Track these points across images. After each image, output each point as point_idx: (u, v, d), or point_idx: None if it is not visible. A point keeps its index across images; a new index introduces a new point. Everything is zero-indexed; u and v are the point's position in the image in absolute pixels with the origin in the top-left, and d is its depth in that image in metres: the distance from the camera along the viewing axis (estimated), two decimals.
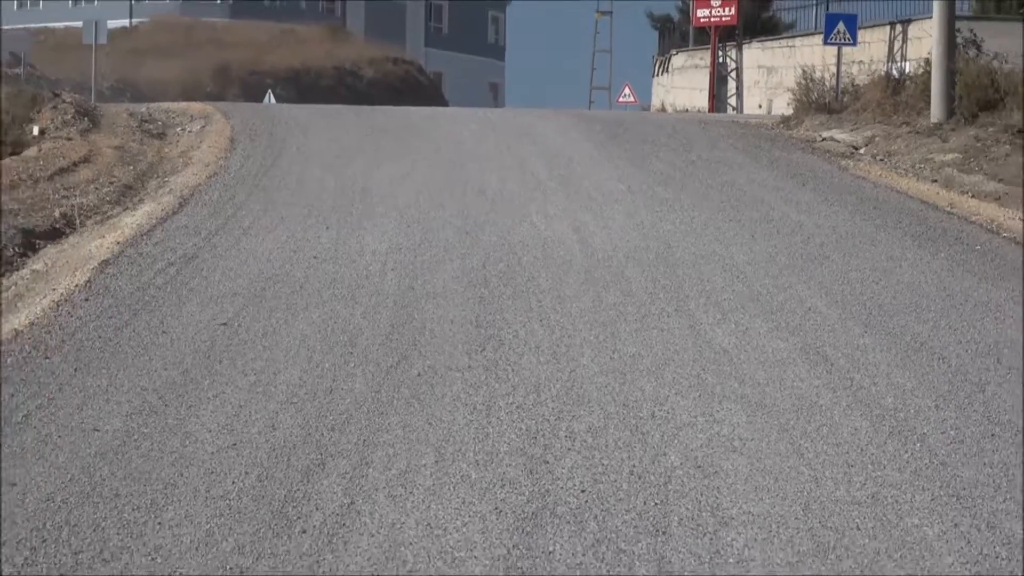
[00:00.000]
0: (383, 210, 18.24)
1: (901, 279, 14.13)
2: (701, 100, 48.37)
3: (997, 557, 6.53)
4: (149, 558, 6.43)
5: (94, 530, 6.79)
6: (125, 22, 68.38)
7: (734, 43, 49.22)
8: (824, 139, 29.43)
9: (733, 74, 48.84)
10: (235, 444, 8.20)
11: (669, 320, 11.79)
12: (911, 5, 39.09)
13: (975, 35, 34.19)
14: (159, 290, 12.97)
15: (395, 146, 26.31)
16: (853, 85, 35.69)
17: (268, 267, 13.96)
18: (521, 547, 6.62)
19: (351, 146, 26.11)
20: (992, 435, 8.57)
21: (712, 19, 49.50)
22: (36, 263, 15.03)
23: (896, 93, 33.14)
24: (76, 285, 13.17)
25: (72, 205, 18.66)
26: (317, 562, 6.39)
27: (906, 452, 8.19)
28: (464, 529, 6.85)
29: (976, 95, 29.27)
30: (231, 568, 6.32)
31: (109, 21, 51.90)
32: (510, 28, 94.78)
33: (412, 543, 6.65)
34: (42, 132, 26.36)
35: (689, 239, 16.46)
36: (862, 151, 27.59)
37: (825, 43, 39.11)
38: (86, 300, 12.53)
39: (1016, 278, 14.48)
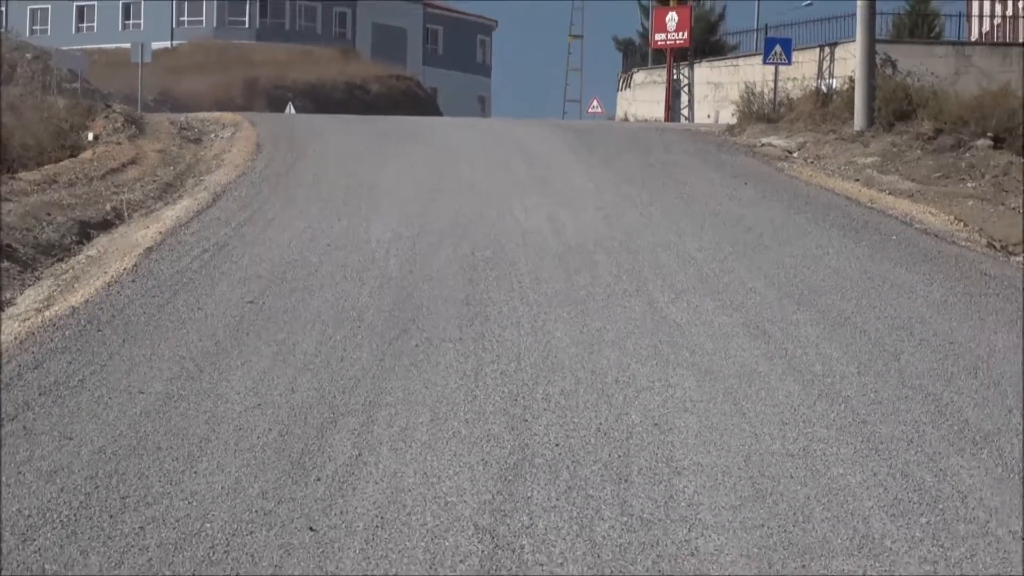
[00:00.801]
0: (387, 204, 18.22)
1: (829, 264, 14.16)
2: (658, 111, 48.32)
3: (909, 501, 6.56)
4: (186, 502, 6.44)
5: (139, 478, 6.80)
6: (167, 43, 68.13)
7: (686, 63, 49.16)
8: (763, 145, 29.41)
9: (685, 89, 48.77)
10: (259, 404, 8.21)
11: (630, 299, 11.80)
12: (837, 30, 39.06)
13: (891, 57, 34.41)
14: (195, 273, 12.96)
15: (397, 149, 26.26)
16: (788, 99, 35.77)
17: (288, 253, 13.95)
18: (504, 493, 6.64)
19: (359, 150, 26.06)
20: (906, 397, 8.60)
21: (668, 42, 49.52)
22: (90, 250, 15.01)
23: (825, 105, 33.21)
24: (124, 269, 13.15)
25: (121, 200, 18.63)
26: (330, 505, 6.41)
27: (832, 412, 8.22)
28: (456, 478, 6.86)
29: (892, 107, 29.35)
30: (256, 511, 6.34)
31: (153, 43, 51.84)
32: (496, 49, 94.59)
33: (411, 490, 6.67)
34: (96, 138, 26.31)
35: (648, 229, 16.46)
36: (795, 155, 27.59)
37: (764, 63, 39.10)
38: (133, 281, 12.52)
39: (928, 263, 14.50)
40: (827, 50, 39.76)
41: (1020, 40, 51.49)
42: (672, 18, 49.79)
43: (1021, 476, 7.01)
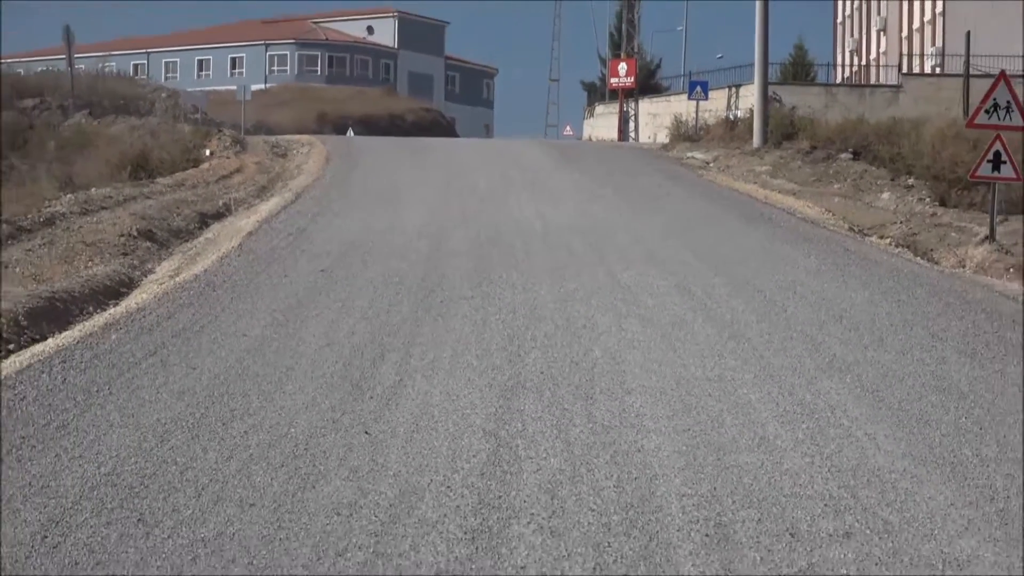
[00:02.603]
0: (417, 200, 18.26)
1: (737, 243, 14.17)
2: (613, 133, 48.35)
3: (794, 412, 6.54)
4: (277, 414, 6.42)
5: (243, 396, 6.78)
6: (262, 85, 68.00)
7: (633, 99, 49.18)
8: (688, 157, 29.47)
9: (632, 117, 48.79)
10: (328, 344, 8.19)
11: (594, 268, 11.78)
12: (741, 75, 39.08)
13: (779, 95, 34.59)
14: (283, 250, 12.95)
15: (423, 161, 26.28)
16: (706, 125, 35.94)
17: (349, 236, 13.94)
18: (504, 407, 6.62)
19: (397, 162, 26.09)
20: (791, 337, 8.59)
21: (619, 84, 49.57)
22: (208, 234, 15.04)
23: (732, 129, 33.41)
24: (232, 247, 13.15)
25: (230, 198, 18.65)
26: (379, 416, 6.39)
27: (739, 348, 8.20)
28: (470, 396, 6.85)
29: (780, 130, 29.53)
30: (327, 420, 6.32)
31: (252, 85, 51.94)
32: (497, 89, 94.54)
33: (437, 404, 6.65)
34: (211, 153, 26.35)
35: (609, 217, 16.48)
36: (711, 165, 27.64)
37: (689, 99, 39.16)
38: (238, 256, 12.51)
39: (806, 242, 14.49)
40: (734, 89, 39.78)
41: (871, 83, 51.48)
42: (623, 67, 49.84)
43: (872, 393, 7.01)
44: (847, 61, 61.96)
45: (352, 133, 47.50)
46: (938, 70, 47.97)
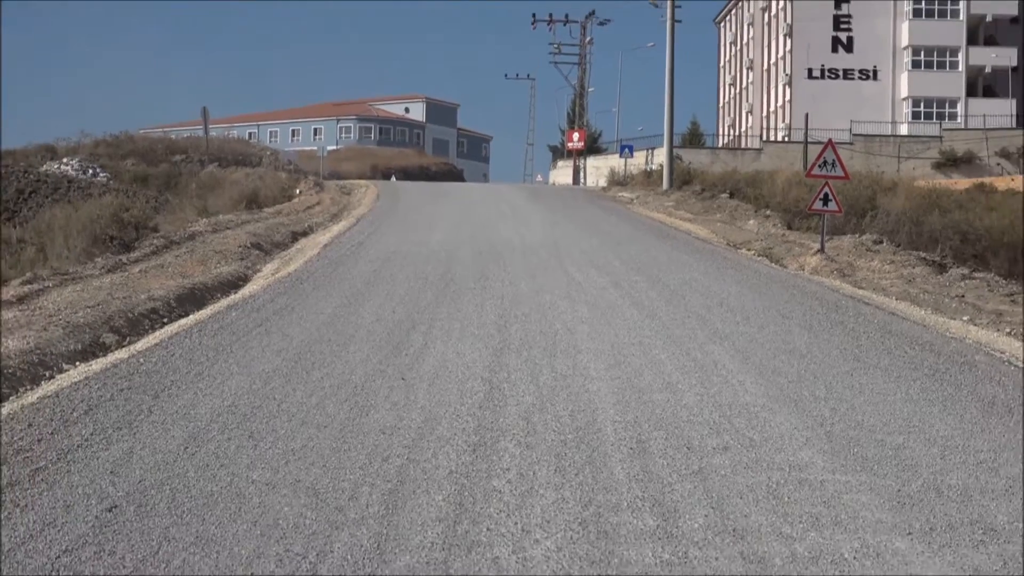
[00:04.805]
0: (438, 225, 18.18)
1: (651, 254, 14.14)
2: (569, 180, 48.23)
3: (691, 366, 6.51)
4: (343, 367, 6.37)
5: (320, 355, 6.72)
6: (334, 146, 67.88)
7: (583, 156, 49.09)
8: (619, 196, 29.37)
9: (582, 169, 48.72)
10: (378, 320, 8.15)
11: (556, 270, 11.76)
12: (655, 141, 39.31)
13: (680, 155, 34.64)
14: (347, 256, 12.89)
15: (442, 198, 26.19)
16: (631, 174, 35.86)
17: (392, 248, 13.88)
18: (495, 362, 6.58)
19: (424, 198, 26.01)
20: (688, 317, 8.57)
21: (573, 147, 49.46)
22: (297, 245, 14.94)
23: (649, 177, 33.40)
24: (313, 255, 13.09)
25: (312, 222, 18.54)
26: (411, 367, 6.35)
27: (653, 323, 8.17)
28: (472, 354, 6.81)
29: (681, 178, 29.56)
30: (376, 370, 6.27)
31: (328, 146, 52.02)
32: (492, 149, 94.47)
33: (451, 359, 6.61)
34: (300, 192, 26.21)
35: (564, 236, 16.42)
36: (635, 201, 27.56)
37: (620, 157, 39.18)
38: (317, 261, 12.45)
39: (698, 253, 14.47)
40: (650, 150, 39.82)
41: (741, 146, 51.54)
42: (576, 135, 49.72)
43: (742, 354, 7.00)
44: (726, 132, 62.01)
45: (395, 179, 47.35)
46: (786, 138, 48.10)
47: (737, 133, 59.75)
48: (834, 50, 50.34)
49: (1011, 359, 7.13)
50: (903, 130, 48.56)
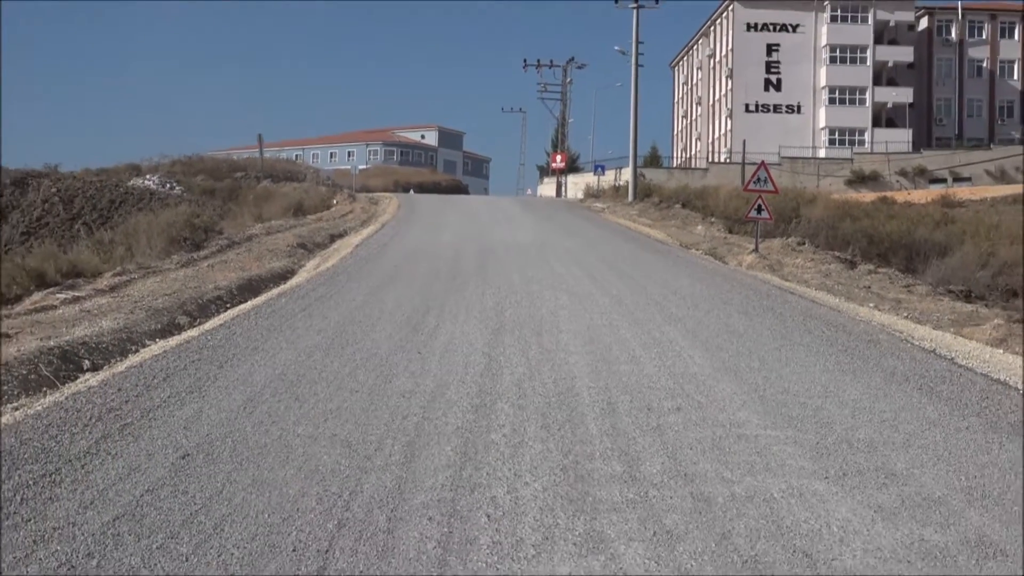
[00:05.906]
0: (447, 228, 18.11)
1: (619, 253, 14.10)
2: (553, 193, 48.02)
3: (650, 343, 6.49)
4: (370, 343, 6.34)
5: (351, 334, 6.69)
6: (364, 165, 67.42)
7: (564, 174, 48.93)
8: (593, 206, 29.23)
9: (564, 184, 48.57)
10: (399, 305, 8.11)
11: (541, 265, 11.72)
12: (622, 162, 39.02)
13: (643, 173, 34.48)
14: (374, 254, 12.84)
15: (451, 207, 26.06)
16: (603, 188, 35.71)
17: (411, 248, 13.84)
18: (493, 340, 6.55)
19: (436, 208, 25.87)
20: (648, 304, 8.54)
21: (557, 167, 49.15)
22: (334, 245, 14.87)
23: (617, 191, 33.23)
24: (347, 253, 13.03)
25: (346, 227, 18.45)
26: (426, 344, 6.32)
27: (621, 308, 8.15)
28: (475, 334, 6.78)
29: (643, 192, 29.42)
30: (397, 346, 6.24)
31: (359, 165, 51.74)
32: (492, 169, 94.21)
33: (459, 338, 6.58)
34: (336, 202, 26.10)
35: (549, 238, 16.36)
36: (606, 210, 27.42)
37: (594, 174, 39.01)
38: (351, 258, 12.40)
39: (657, 252, 14.45)
40: (619, 169, 39.54)
41: (692, 166, 51.46)
42: (559, 158, 49.42)
43: (693, 333, 6.98)
44: (679, 154, 61.91)
45: (412, 192, 47.16)
46: (728, 160, 48.04)
47: (688, 155, 59.70)
48: (766, 89, 50.68)
49: (908, 338, 7.15)
50: (822, 153, 48.80)
